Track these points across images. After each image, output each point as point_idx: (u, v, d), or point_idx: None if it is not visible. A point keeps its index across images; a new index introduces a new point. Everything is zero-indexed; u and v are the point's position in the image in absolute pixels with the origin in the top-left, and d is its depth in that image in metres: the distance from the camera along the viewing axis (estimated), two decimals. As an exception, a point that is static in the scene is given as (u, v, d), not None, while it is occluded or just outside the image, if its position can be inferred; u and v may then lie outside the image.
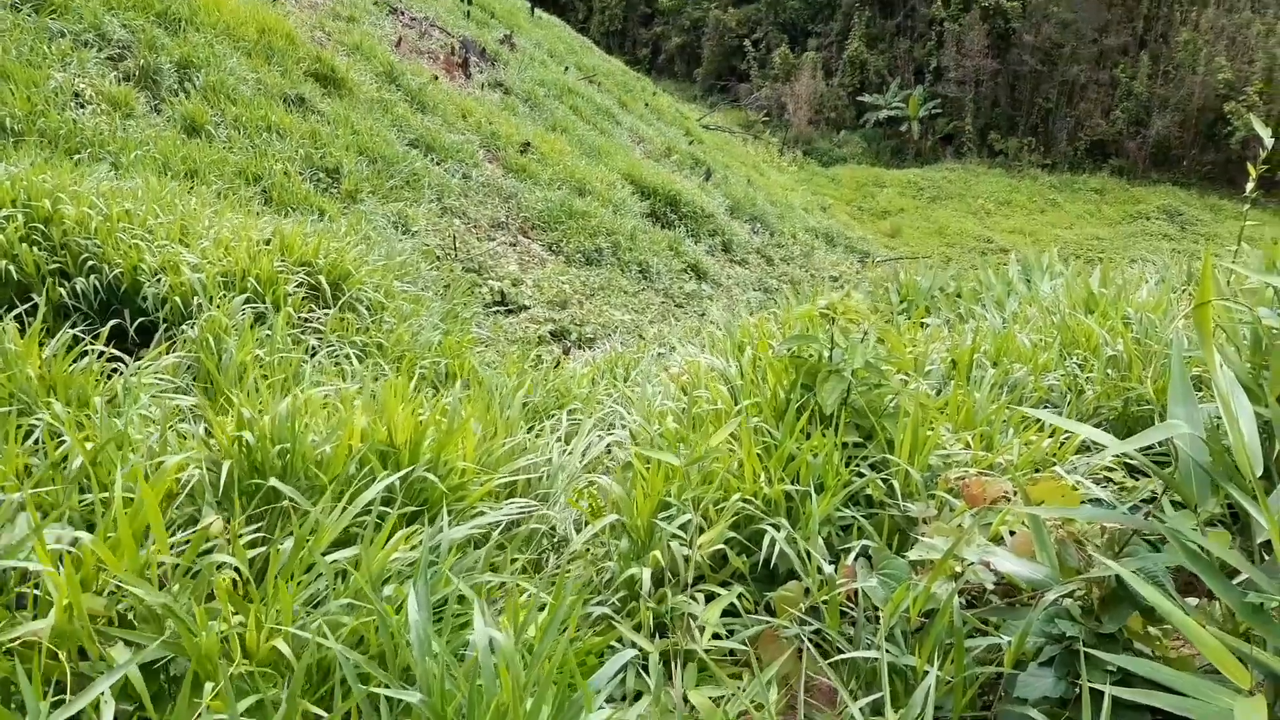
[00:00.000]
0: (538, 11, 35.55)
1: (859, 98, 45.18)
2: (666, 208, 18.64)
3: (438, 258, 10.23)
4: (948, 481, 2.71)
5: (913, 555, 2.23)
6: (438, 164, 14.31)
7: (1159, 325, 4.72)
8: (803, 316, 2.98)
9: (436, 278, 8.87)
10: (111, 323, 4.18)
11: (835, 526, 2.70)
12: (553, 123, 20.91)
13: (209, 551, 2.13)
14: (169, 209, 5.46)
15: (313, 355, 4.51)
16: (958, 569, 2.15)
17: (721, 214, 20.22)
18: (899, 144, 43.61)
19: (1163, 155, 39.48)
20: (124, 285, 4.74)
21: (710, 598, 2.43)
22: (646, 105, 30.75)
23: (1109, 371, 4.33)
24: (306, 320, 4.93)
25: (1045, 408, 4.21)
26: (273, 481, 2.25)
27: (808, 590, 2.39)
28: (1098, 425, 4.03)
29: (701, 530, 2.42)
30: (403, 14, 22.30)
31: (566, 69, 27.64)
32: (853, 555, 2.47)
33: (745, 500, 2.60)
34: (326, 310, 4.98)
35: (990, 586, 2.09)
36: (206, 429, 2.97)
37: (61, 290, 4.64)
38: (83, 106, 9.06)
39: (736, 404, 3.28)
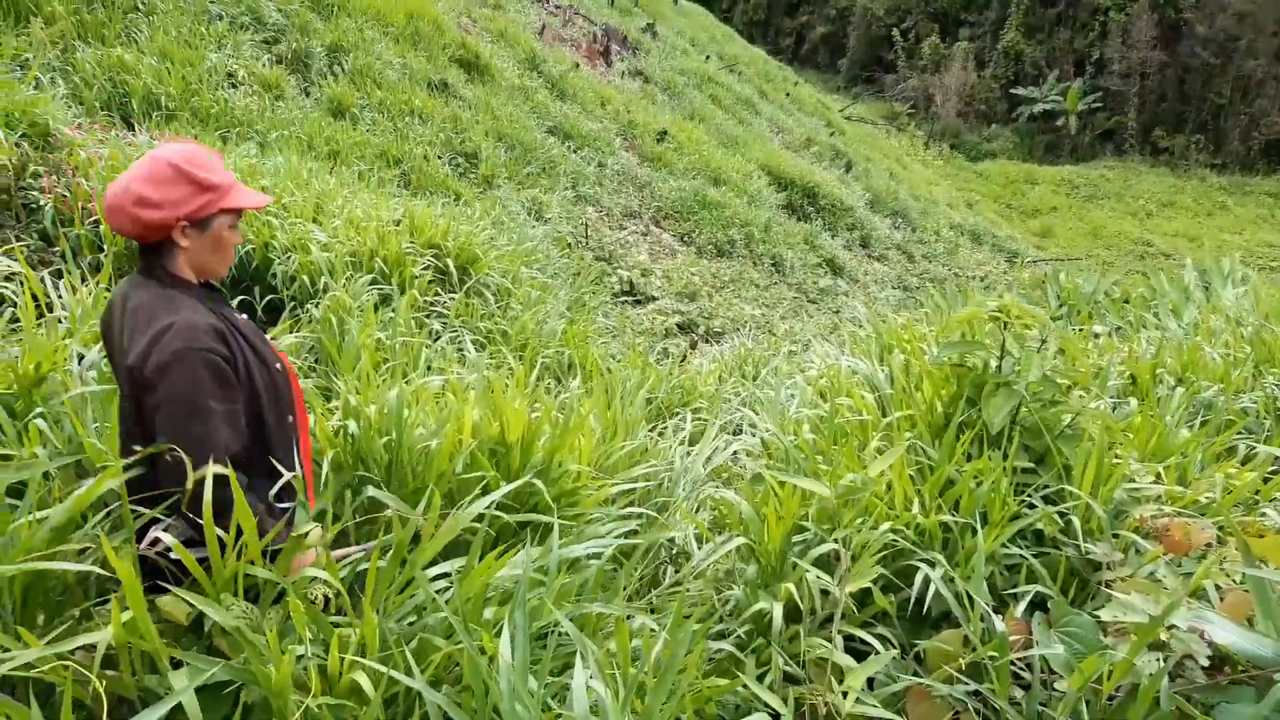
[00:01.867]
0: (681, 0, 35.31)
1: (1012, 90, 43.18)
2: (804, 200, 18.10)
3: (569, 245, 10.10)
4: (1140, 521, 2.29)
5: (1105, 615, 1.85)
6: (574, 151, 14.24)
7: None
8: (967, 319, 2.60)
9: (566, 265, 8.72)
10: (238, 299, 4.14)
11: (1000, 565, 2.32)
12: (691, 111, 20.63)
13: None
14: (304, 187, 5.46)
15: (435, 339, 4.38)
16: (1161, 635, 1.76)
17: (861, 207, 19.52)
18: (1054, 139, 41.47)
19: (1347, 156, 36.27)
20: (255, 262, 4.74)
21: (850, 641, 2.11)
22: (787, 95, 30.10)
23: (1317, 395, 3.76)
24: (432, 303, 4.81)
25: (1240, 433, 3.67)
26: (370, 491, 2.04)
27: (967, 640, 2.04)
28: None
29: (840, 559, 2.10)
30: (547, 1, 22.43)
31: (707, 58, 27.30)
32: (1022, 604, 2.10)
33: (895, 531, 2.26)
34: (453, 294, 4.85)
35: (1204, 662, 1.69)
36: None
37: (194, 267, 4.66)
38: (235, 87, 9.31)
39: (885, 415, 2.93)
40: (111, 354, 2.18)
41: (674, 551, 3.05)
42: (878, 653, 2.04)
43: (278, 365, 2.22)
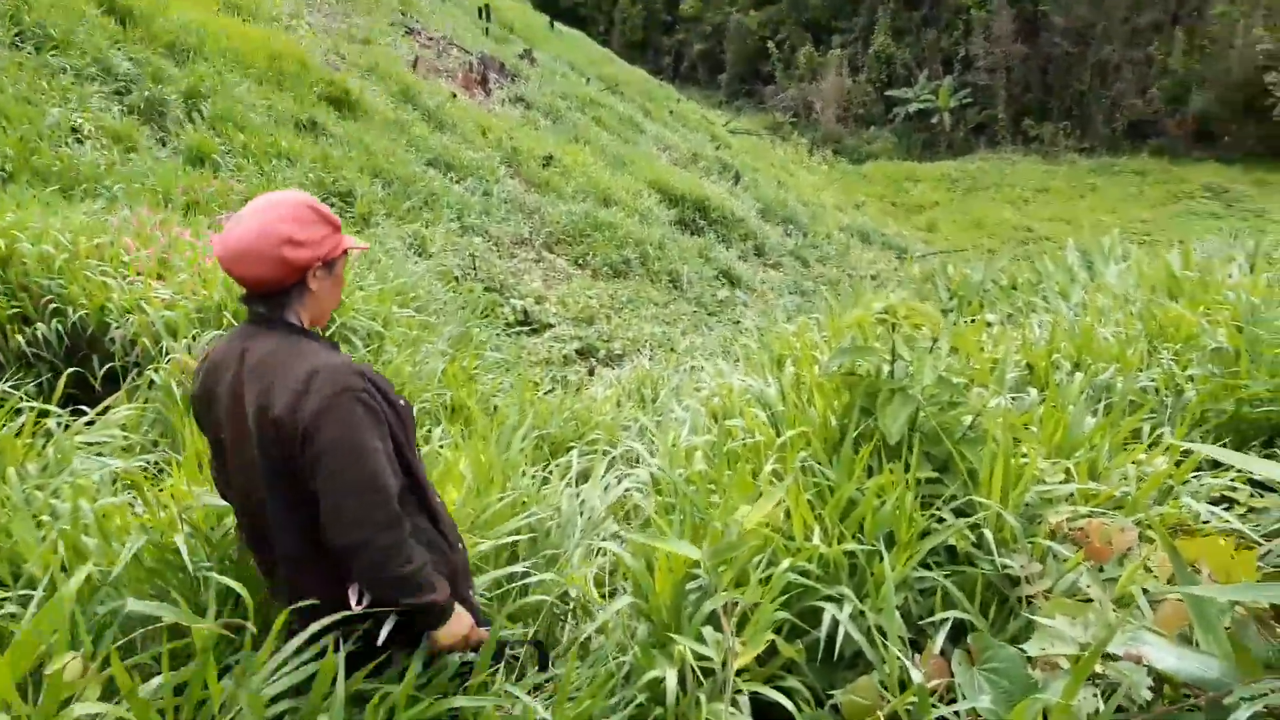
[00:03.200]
0: (557, 25, 35.28)
1: (887, 92, 44.38)
2: (695, 214, 18.09)
3: (456, 279, 9.74)
4: (1056, 527, 2.12)
5: (1031, 650, 1.65)
6: (457, 182, 13.89)
7: (1263, 310, 4.06)
8: (855, 323, 2.42)
9: (452, 299, 8.37)
10: (69, 371, 3.71)
11: (913, 591, 2.12)
12: (575, 134, 20.48)
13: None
14: (148, 241, 5.01)
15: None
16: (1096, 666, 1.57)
17: (752, 217, 19.62)
18: (930, 137, 42.73)
19: (1204, 132, 38.28)
20: (90, 327, 4.29)
21: (756, 700, 1.87)
22: (671, 112, 30.26)
23: (1211, 368, 3.70)
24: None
25: (1133, 414, 3.58)
26: (132, 604, 1.68)
27: (885, 685, 1.82)
28: (1206, 433, 3.41)
29: (743, 617, 1.86)
30: (419, 33, 22.04)
31: (588, 80, 27.26)
32: (941, 634, 1.90)
33: (797, 569, 2.04)
34: (317, 343, 4.49)
35: (1146, 695, 1.50)
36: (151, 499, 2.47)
37: (20, 338, 4.19)
38: (81, 142, 8.72)
39: (779, 434, 2.73)
40: (215, 413, 2.08)
41: (572, 606, 2.77)
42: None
43: (401, 401, 2.13)
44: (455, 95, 18.33)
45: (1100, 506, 2.28)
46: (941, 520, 2.28)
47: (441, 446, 3.46)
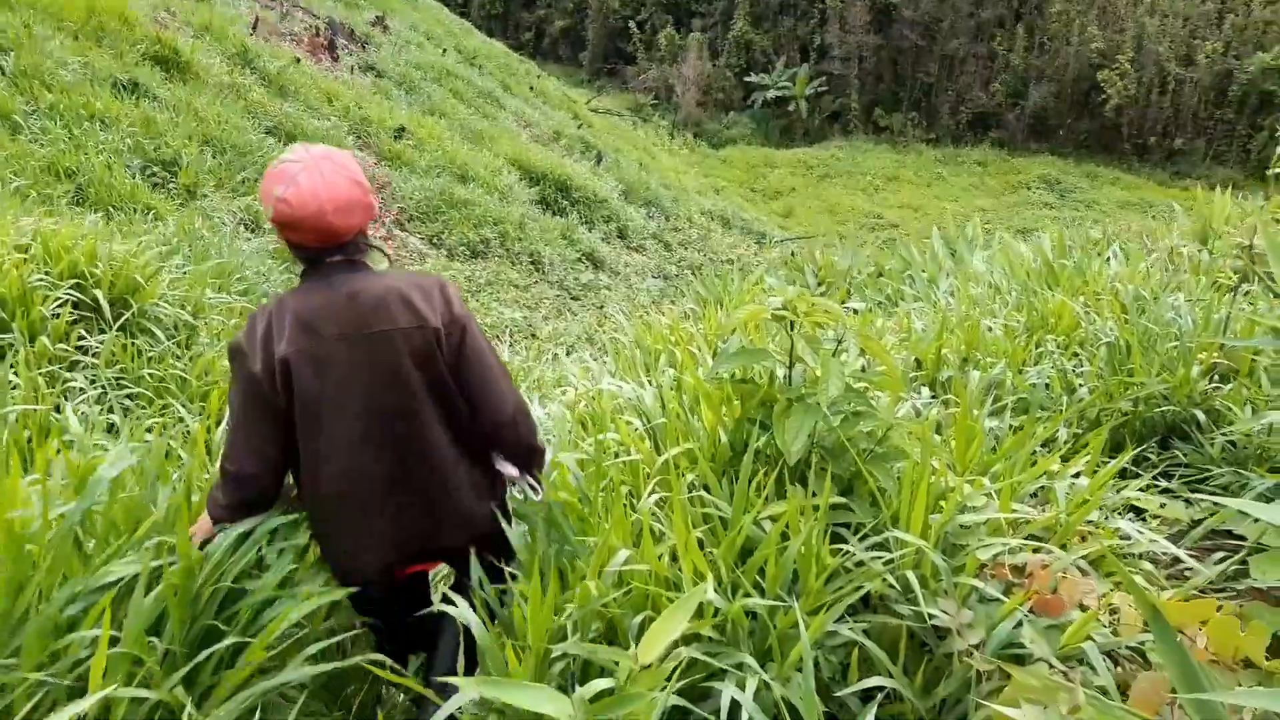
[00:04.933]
0: (412, -7, 33.80)
1: (746, 78, 44.81)
2: (557, 193, 17.56)
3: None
4: (995, 570, 1.80)
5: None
6: (300, 153, 12.89)
7: (1149, 302, 3.93)
8: (748, 320, 2.04)
9: (285, 282, 7.61)
10: None
11: (822, 649, 1.76)
12: (430, 107, 19.53)
13: None
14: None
15: (86, 399, 3.34)
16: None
17: (615, 199, 19.23)
18: (787, 124, 43.42)
19: (1041, 125, 40.31)
20: None
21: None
22: (531, 89, 29.48)
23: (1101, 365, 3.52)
24: (85, 348, 3.72)
25: (1030, 415, 3.37)
26: None
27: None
28: (1102, 435, 3.21)
29: None
30: (261, -6, 20.55)
31: (445, 51, 26.16)
32: (869, 713, 1.54)
33: (689, 636, 1.65)
34: (108, 335, 3.78)
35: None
36: None
37: None
38: None
39: (660, 450, 2.33)
40: (329, 370, 2.13)
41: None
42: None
43: None
44: (299, 60, 17.12)
45: (1032, 536, 1.98)
46: (849, 554, 1.92)
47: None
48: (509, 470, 2.31)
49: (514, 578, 2.16)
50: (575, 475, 2.35)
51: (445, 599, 2.03)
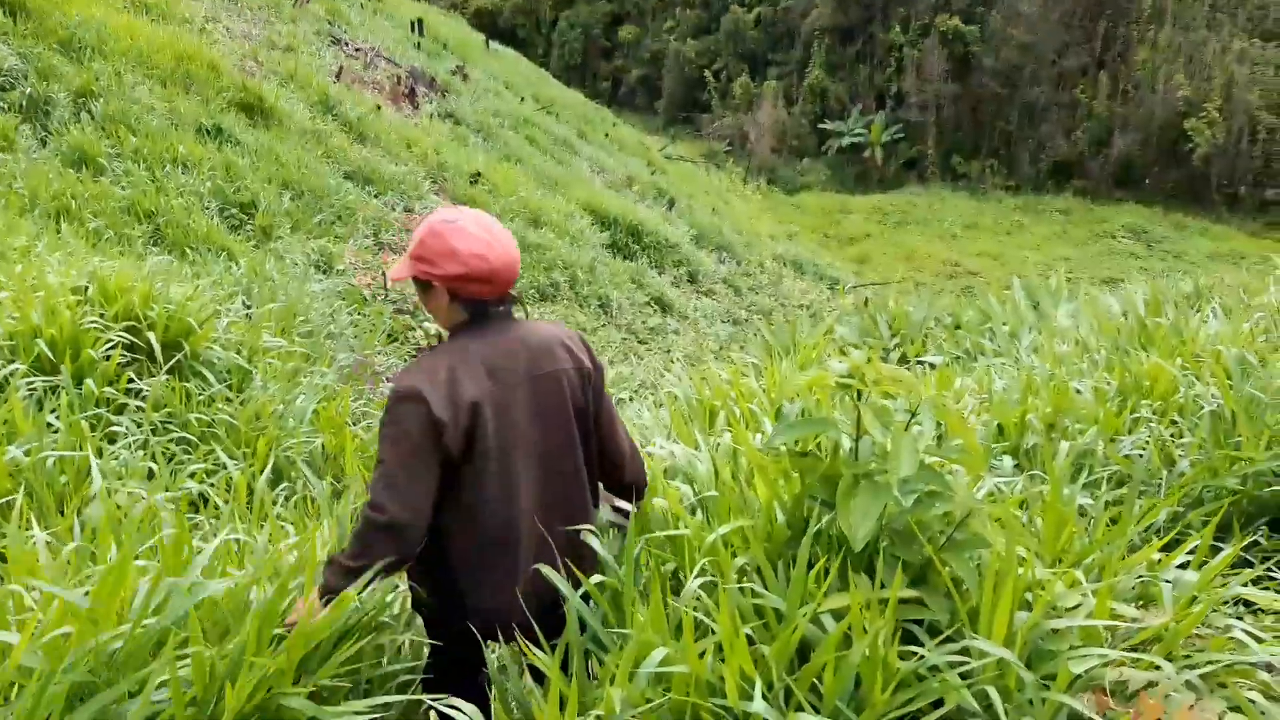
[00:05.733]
0: (494, 45, 34.60)
1: (821, 125, 44.74)
2: (628, 238, 17.54)
3: (364, 299, 8.99)
4: (1095, 693, 1.55)
5: None
6: (376, 196, 13.11)
7: (1255, 366, 3.59)
8: (810, 386, 1.83)
9: (358, 323, 7.63)
10: None
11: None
12: (506, 153, 19.80)
13: None
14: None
15: (129, 444, 3.27)
16: None
17: (686, 243, 19.16)
18: (862, 170, 43.15)
19: (1125, 174, 39.37)
20: (-126, 354, 3.51)
21: None
22: (607, 136, 29.80)
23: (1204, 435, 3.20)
24: (133, 392, 3.68)
25: (1128, 490, 3.06)
26: None
27: None
28: (1207, 515, 2.89)
29: None
30: (346, 44, 21.16)
31: (523, 99, 26.63)
32: None
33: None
34: (163, 378, 3.73)
35: None
36: None
37: None
38: (-59, 138, 7.81)
39: (710, 524, 2.13)
40: (509, 412, 2.24)
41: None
42: None
43: None
44: (380, 107, 17.52)
45: (1141, 646, 1.72)
46: (932, 668, 1.68)
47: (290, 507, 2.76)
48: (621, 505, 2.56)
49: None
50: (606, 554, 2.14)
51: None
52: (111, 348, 3.71)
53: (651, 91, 52.81)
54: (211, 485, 3.21)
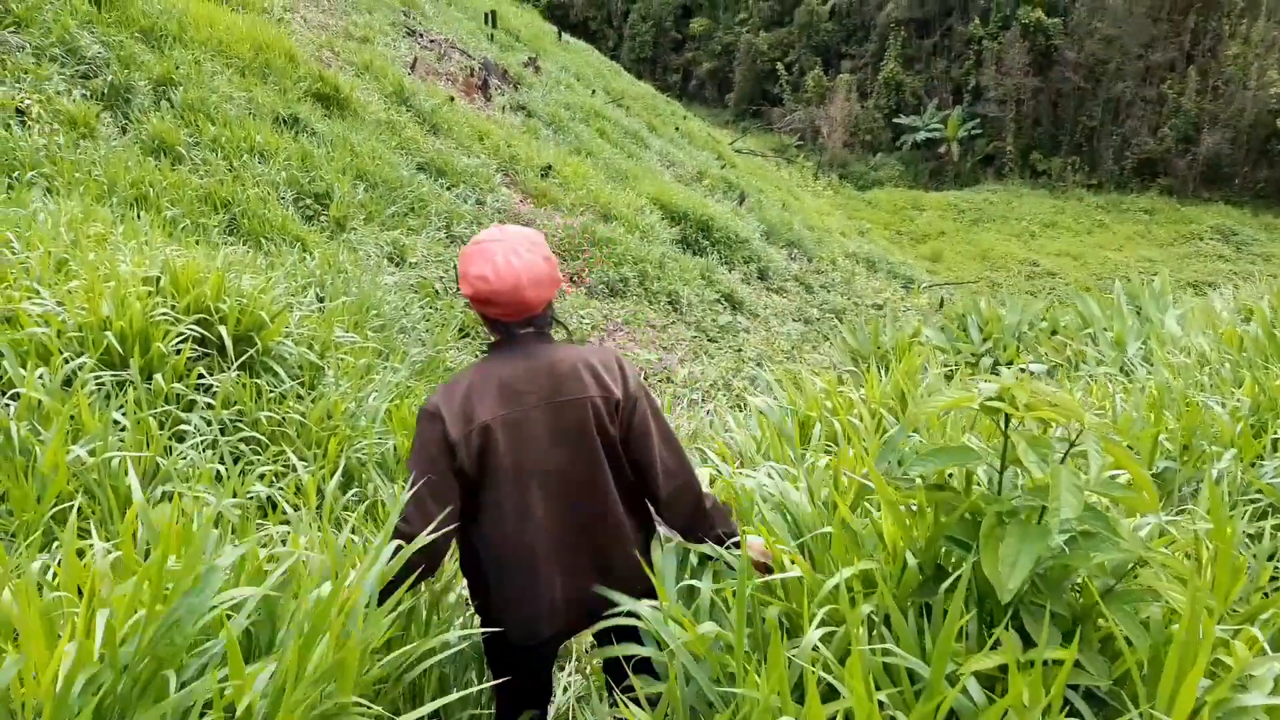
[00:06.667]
0: (565, 37, 34.59)
1: (895, 119, 43.86)
2: (698, 233, 17.28)
3: (435, 292, 8.90)
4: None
5: None
6: (448, 189, 13.07)
7: None
8: (950, 407, 1.59)
9: (430, 317, 7.53)
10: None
11: None
12: (577, 146, 19.69)
13: None
14: (47, 240, 4.15)
15: (196, 444, 3.15)
16: None
17: (757, 239, 18.82)
18: (937, 166, 42.20)
19: (1214, 173, 37.86)
20: (-49, 343, 3.44)
21: None
22: (677, 129, 29.54)
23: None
24: (203, 387, 3.56)
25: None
26: None
27: None
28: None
29: None
30: (421, 36, 21.26)
31: (593, 92, 26.51)
32: None
33: None
34: (234, 373, 3.61)
35: None
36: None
37: None
38: (26, 125, 7.89)
39: (814, 565, 1.89)
40: (528, 434, 2.26)
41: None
42: None
43: None
44: (453, 99, 17.53)
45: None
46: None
47: (360, 512, 2.60)
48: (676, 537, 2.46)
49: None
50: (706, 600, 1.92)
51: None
52: (182, 341, 3.61)
53: (722, 84, 52.36)
54: (281, 489, 3.06)
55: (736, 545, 2.28)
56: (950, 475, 1.86)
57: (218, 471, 2.93)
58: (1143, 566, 1.63)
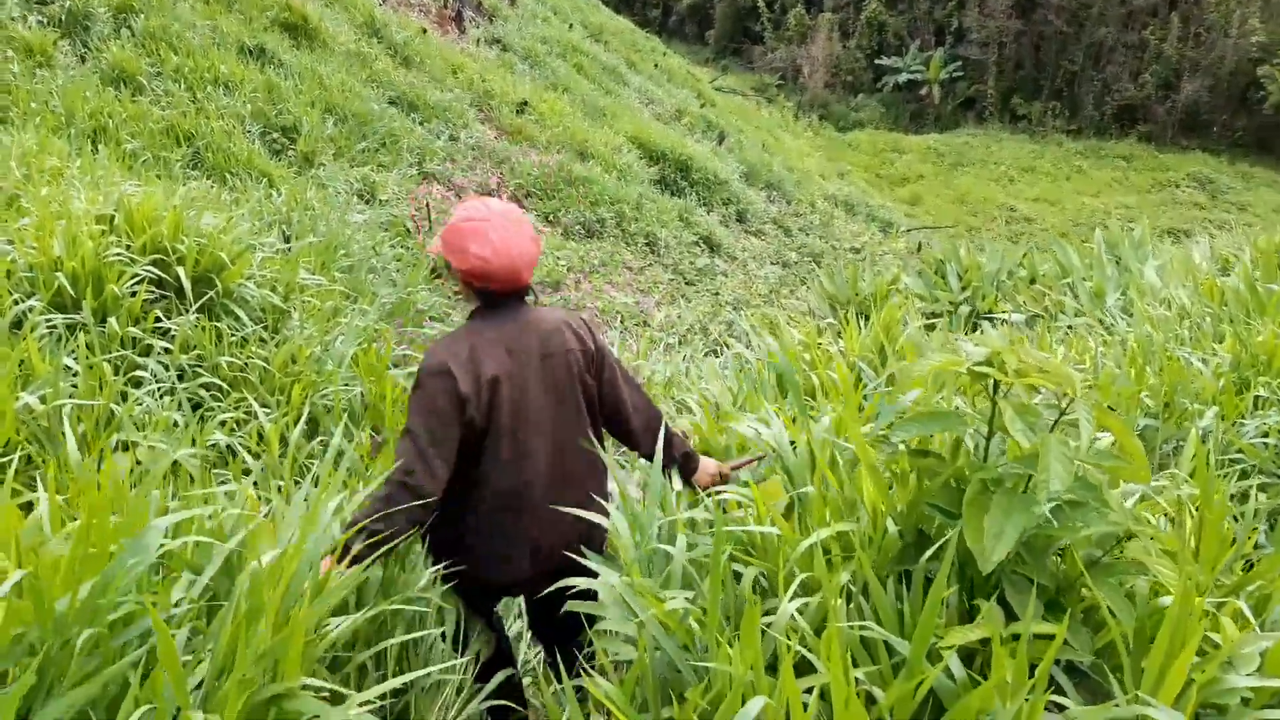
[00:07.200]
0: (542, -33, 33.64)
1: (877, 60, 43.23)
2: (677, 174, 17.04)
3: (407, 231, 8.70)
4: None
5: None
6: (421, 124, 12.75)
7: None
8: (939, 371, 1.52)
9: (396, 256, 7.35)
10: None
11: None
12: (554, 81, 19.26)
13: None
14: (-4, 173, 3.95)
15: (153, 390, 3.03)
16: None
17: (736, 181, 18.59)
18: (918, 108, 41.76)
19: (1192, 121, 37.70)
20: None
21: None
22: (656, 66, 28.99)
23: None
24: (162, 330, 3.41)
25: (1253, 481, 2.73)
26: None
27: None
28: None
29: None
30: (392, -36, 20.59)
31: (571, 26, 25.87)
32: None
33: None
34: (192, 316, 3.46)
35: None
36: None
37: None
38: (-23, 51, 7.56)
39: (805, 528, 1.82)
40: (522, 385, 2.48)
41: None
42: None
43: None
44: (426, 31, 17.05)
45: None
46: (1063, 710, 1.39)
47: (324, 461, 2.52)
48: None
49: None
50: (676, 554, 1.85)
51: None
52: (138, 283, 3.46)
53: (702, 21, 51.34)
54: (242, 437, 2.96)
55: (694, 461, 2.70)
56: (933, 438, 1.79)
57: (175, 419, 2.82)
58: (1129, 538, 1.57)
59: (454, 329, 2.60)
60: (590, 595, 2.23)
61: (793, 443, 2.31)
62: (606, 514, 2.42)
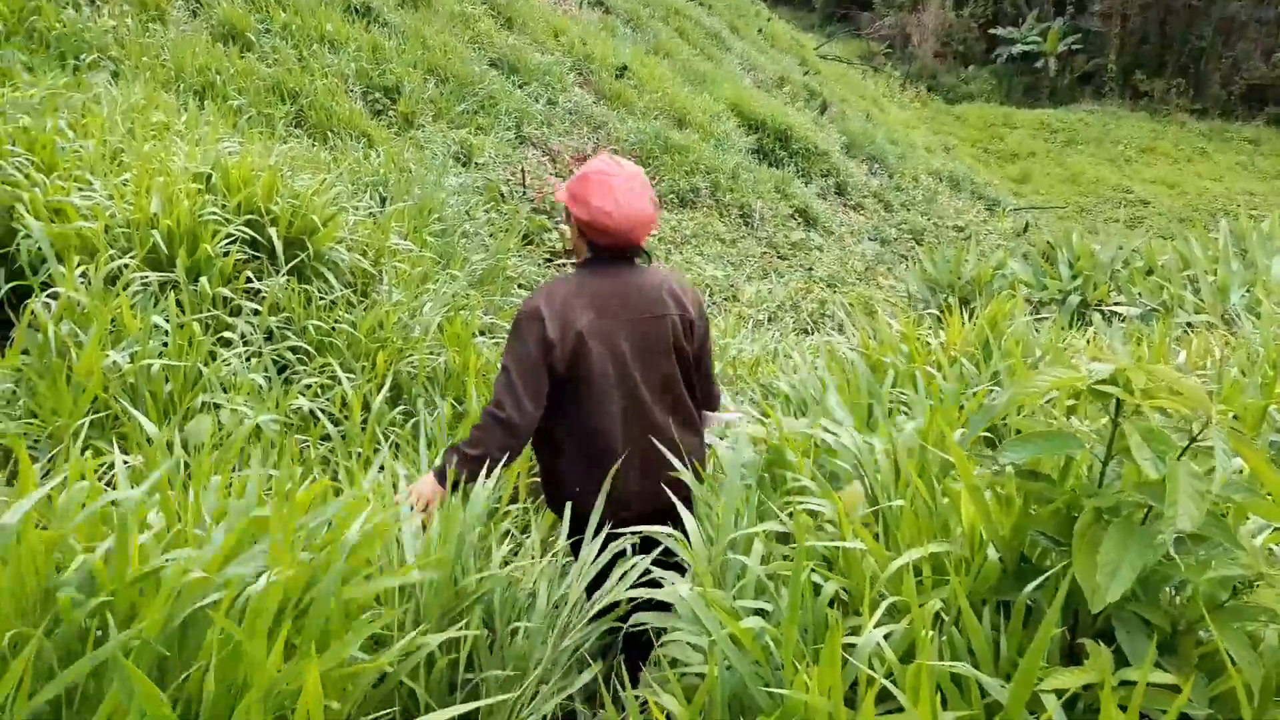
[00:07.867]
0: (648, -72, 33.25)
1: (991, 30, 41.59)
2: (775, 143, 16.68)
3: (501, 195, 8.70)
4: None
5: None
6: (520, 87, 12.73)
7: None
8: (1055, 388, 1.37)
9: (490, 222, 7.34)
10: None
11: None
12: (655, 45, 19.03)
13: None
14: (103, 129, 4.02)
15: (241, 349, 3.05)
16: None
17: (836, 152, 18.13)
18: (1032, 82, 40.08)
19: (1329, 104, 35.32)
20: (-2, 231, 3.34)
21: None
22: (760, 31, 28.43)
23: None
24: (253, 292, 3.44)
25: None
26: None
27: None
28: None
29: None
30: (499, -76, 20.57)
31: (675, -12, 25.51)
32: None
33: None
34: (283, 279, 3.48)
35: None
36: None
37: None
38: (95, 4, 7.77)
39: (887, 544, 1.70)
40: (612, 340, 2.59)
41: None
42: None
43: None
44: (530, -8, 16.99)
45: None
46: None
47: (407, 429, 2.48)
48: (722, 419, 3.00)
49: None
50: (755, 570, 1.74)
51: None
52: (231, 243, 3.50)
53: (810, -15, 50.16)
54: (325, 402, 2.96)
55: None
56: (1049, 464, 1.64)
57: (259, 383, 2.83)
58: (1259, 581, 1.41)
59: (562, 274, 2.71)
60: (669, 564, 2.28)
61: (871, 446, 2.17)
62: (699, 476, 2.54)
